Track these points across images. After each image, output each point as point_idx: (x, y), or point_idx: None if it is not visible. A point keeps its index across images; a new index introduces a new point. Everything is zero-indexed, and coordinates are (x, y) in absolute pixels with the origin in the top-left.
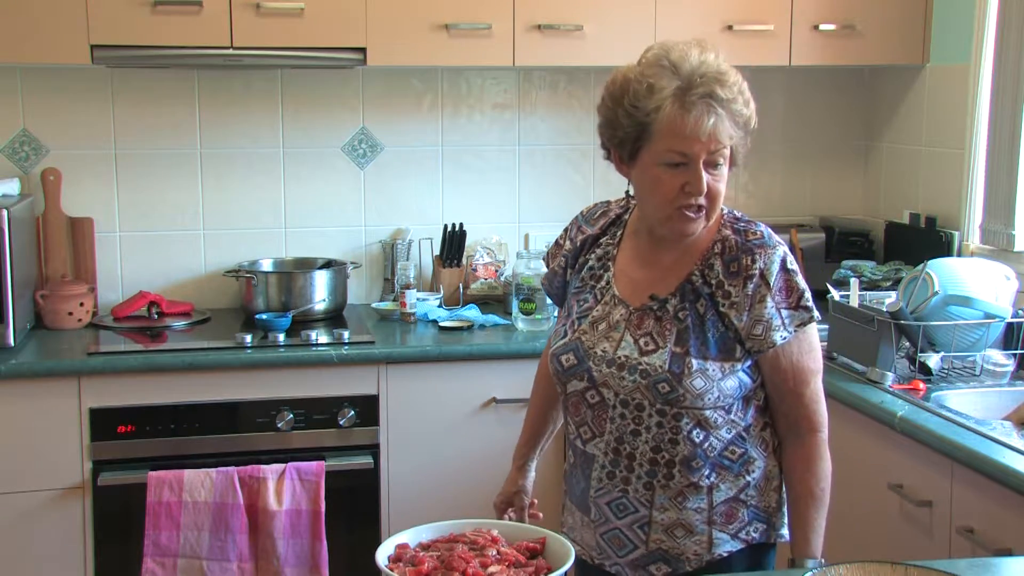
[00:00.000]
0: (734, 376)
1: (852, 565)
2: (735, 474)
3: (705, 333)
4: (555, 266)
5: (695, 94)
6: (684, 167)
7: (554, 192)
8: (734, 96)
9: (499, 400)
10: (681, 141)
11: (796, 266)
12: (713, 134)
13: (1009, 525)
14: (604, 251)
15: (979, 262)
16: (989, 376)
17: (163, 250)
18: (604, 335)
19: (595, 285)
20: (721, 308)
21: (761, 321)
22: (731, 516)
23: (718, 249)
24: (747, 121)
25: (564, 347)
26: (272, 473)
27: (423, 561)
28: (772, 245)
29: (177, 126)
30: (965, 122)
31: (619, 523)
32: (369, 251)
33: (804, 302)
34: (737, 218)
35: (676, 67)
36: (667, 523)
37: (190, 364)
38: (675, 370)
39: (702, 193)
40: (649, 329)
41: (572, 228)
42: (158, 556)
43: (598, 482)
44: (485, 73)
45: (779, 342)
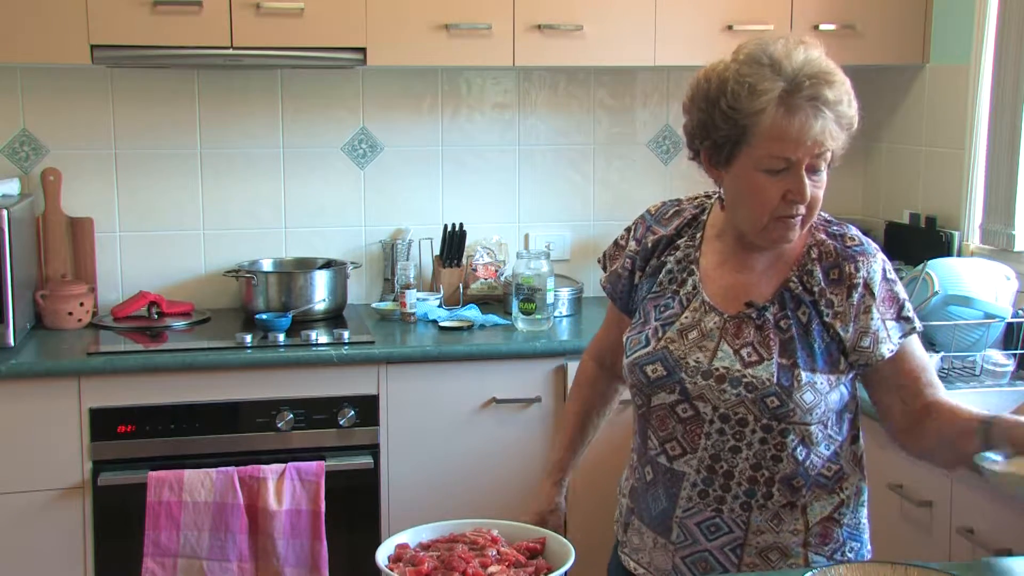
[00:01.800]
0: (838, 389)
1: (852, 565)
2: (829, 491)
3: (811, 344)
4: (618, 268)
5: (802, 96)
6: (786, 173)
7: (554, 192)
8: (840, 97)
9: (499, 400)
10: (785, 146)
11: (895, 275)
12: (819, 138)
13: (1009, 525)
14: (684, 253)
15: (979, 262)
16: (989, 376)
17: (163, 250)
18: (696, 344)
19: (678, 290)
20: (826, 318)
21: (868, 333)
22: (826, 537)
23: (815, 255)
24: (851, 122)
25: (649, 356)
26: (272, 473)
27: (423, 561)
28: (872, 252)
29: (177, 126)
30: (965, 122)
31: (709, 545)
32: (369, 251)
33: (905, 312)
34: (828, 221)
35: (779, 66)
36: (762, 546)
37: (190, 364)
38: (784, 383)
39: (806, 201)
40: (750, 339)
41: (637, 228)
42: (158, 556)
43: (687, 501)
44: (485, 73)
45: (887, 355)
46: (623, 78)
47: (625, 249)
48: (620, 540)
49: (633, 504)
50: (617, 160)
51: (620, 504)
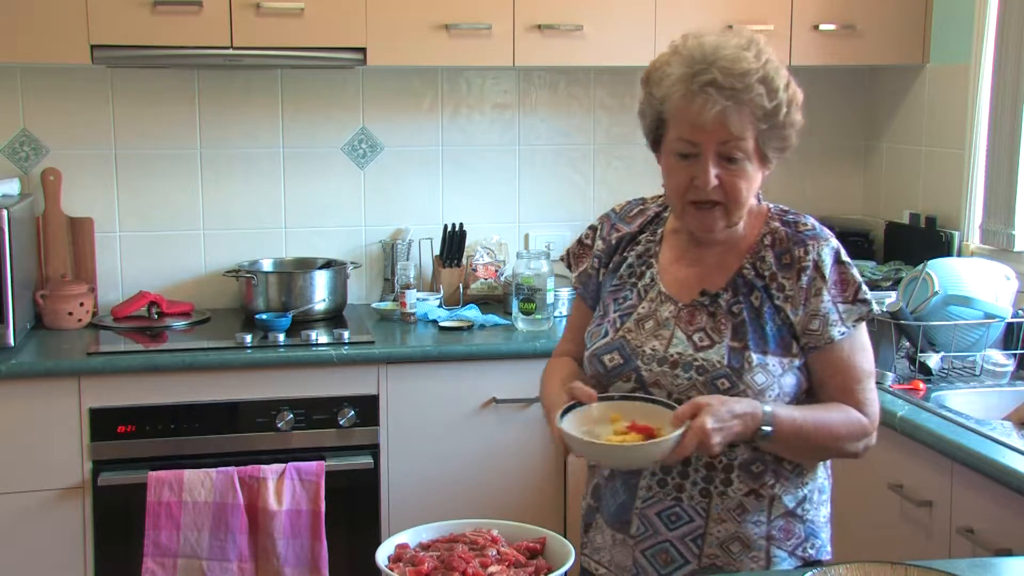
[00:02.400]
0: (792, 373)
1: (852, 565)
2: (794, 485)
3: (763, 327)
4: (588, 268)
5: (699, 81)
6: (695, 159)
7: (554, 192)
8: (746, 85)
9: (499, 400)
10: (688, 130)
11: (848, 258)
12: (719, 124)
13: (1009, 525)
14: (645, 248)
15: (979, 262)
16: (989, 376)
17: (163, 250)
18: (652, 333)
19: (637, 283)
20: (776, 301)
21: (818, 315)
22: (789, 532)
23: (768, 241)
24: (771, 113)
25: (607, 346)
26: (272, 473)
27: (423, 561)
28: (824, 237)
29: (177, 126)
30: (965, 122)
31: (670, 535)
32: (369, 251)
33: (861, 295)
34: (784, 211)
35: (690, 54)
36: (723, 536)
37: (190, 364)
38: (734, 365)
39: (706, 187)
40: (702, 325)
41: (603, 227)
42: (158, 556)
43: (647, 491)
44: (485, 73)
45: (837, 337)
46: (623, 78)
47: (592, 248)
48: (581, 543)
49: (596, 502)
50: (617, 160)
51: (583, 507)
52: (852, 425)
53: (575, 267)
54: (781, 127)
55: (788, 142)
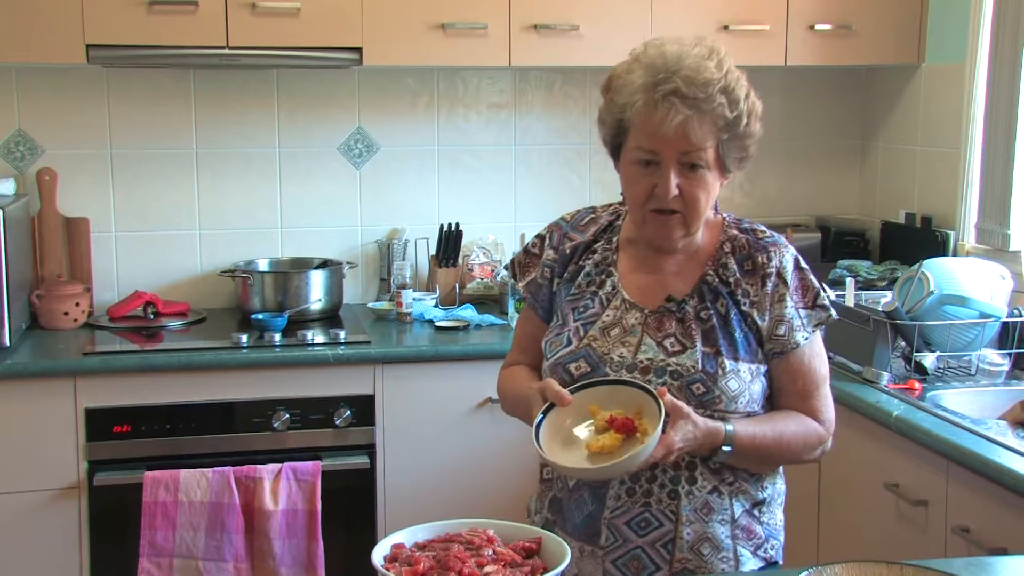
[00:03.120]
0: (759, 380)
1: (848, 564)
2: (753, 486)
3: (731, 333)
4: (537, 277)
5: (660, 91)
6: (655, 167)
7: (550, 192)
8: (708, 95)
9: (495, 400)
10: (648, 139)
11: (806, 264)
12: (680, 133)
13: (1004, 524)
14: (602, 256)
15: (974, 262)
16: (984, 375)
17: (159, 250)
18: (619, 340)
19: (597, 291)
20: (743, 307)
21: (783, 321)
22: (750, 532)
23: (728, 249)
24: (732, 123)
25: (572, 355)
26: (268, 473)
27: (419, 561)
28: (783, 244)
29: (173, 126)
30: (961, 122)
31: (641, 541)
32: (365, 251)
33: (820, 300)
34: (739, 219)
35: (652, 62)
36: (693, 539)
37: (186, 364)
38: (709, 370)
39: (667, 196)
40: (672, 331)
41: (553, 236)
42: (154, 556)
43: (615, 500)
44: (481, 73)
45: (801, 343)
46: None
47: (541, 258)
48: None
49: (555, 516)
50: None
51: (533, 523)
52: (809, 437)
53: (521, 276)
54: (742, 137)
55: (748, 152)
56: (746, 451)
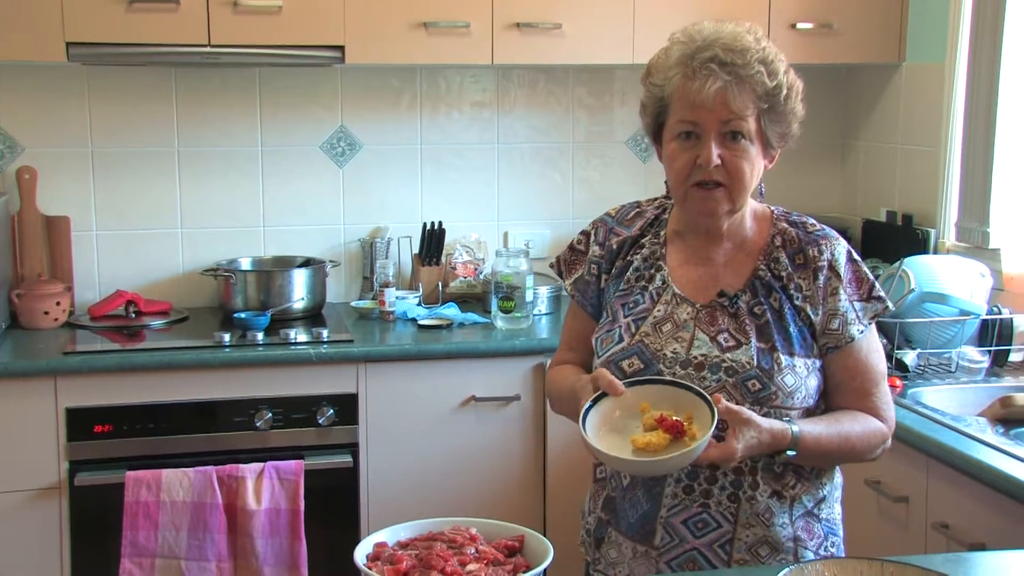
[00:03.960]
0: (815, 375)
1: (829, 561)
2: (814, 485)
3: (786, 328)
4: (584, 275)
5: (699, 60)
6: (696, 139)
7: (533, 190)
8: (747, 62)
9: (478, 398)
10: (689, 109)
11: (859, 256)
12: (720, 100)
13: (983, 520)
14: (650, 251)
15: (955, 260)
16: (964, 372)
17: (141, 249)
18: (671, 336)
19: (647, 286)
20: (796, 302)
21: (837, 315)
22: (811, 532)
23: (779, 242)
24: (772, 92)
25: (624, 352)
26: (251, 472)
27: (402, 559)
28: (834, 236)
29: (154, 124)
30: (941, 120)
31: (697, 543)
32: (348, 249)
33: (876, 292)
34: (787, 212)
35: (689, 38)
36: (751, 541)
37: (168, 363)
38: (765, 366)
39: (709, 164)
40: (725, 326)
41: (598, 232)
42: (135, 556)
43: (672, 499)
44: (464, 71)
45: (857, 336)
46: (602, 76)
47: (587, 255)
48: (592, 559)
49: (608, 516)
50: (596, 158)
51: (587, 523)
52: (873, 436)
53: (568, 274)
54: (782, 111)
55: (789, 128)
56: (810, 453)
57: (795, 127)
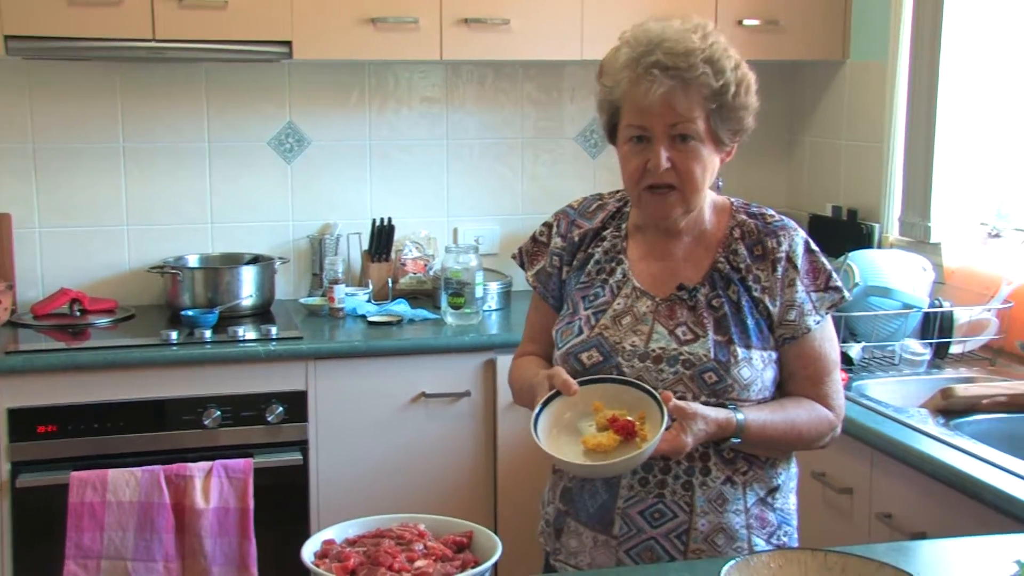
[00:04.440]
0: (771, 367)
1: (774, 553)
2: (767, 474)
3: (744, 321)
4: (546, 266)
5: (642, 65)
6: (647, 143)
7: (483, 186)
8: (691, 65)
9: (428, 395)
10: (637, 114)
11: (817, 247)
12: (665, 105)
13: (925, 510)
14: (611, 244)
15: (898, 254)
16: (907, 365)
17: (85, 246)
18: (631, 329)
19: (607, 279)
20: (755, 293)
21: (794, 306)
22: (764, 520)
23: (737, 234)
24: (719, 92)
25: (583, 344)
26: (199, 471)
27: (349, 557)
28: (793, 227)
29: (98, 120)
30: (884, 117)
31: (655, 532)
32: (297, 246)
33: (833, 283)
34: (747, 203)
35: (634, 38)
36: (707, 530)
37: (113, 362)
38: (721, 358)
39: (658, 169)
40: (684, 319)
41: (560, 223)
42: (80, 558)
43: (629, 490)
44: (413, 67)
45: (813, 327)
46: (551, 72)
47: (549, 246)
48: (552, 549)
49: (566, 506)
50: (545, 154)
51: (546, 514)
52: (820, 423)
53: (529, 265)
54: (731, 108)
55: (742, 124)
56: (756, 440)
57: (748, 121)
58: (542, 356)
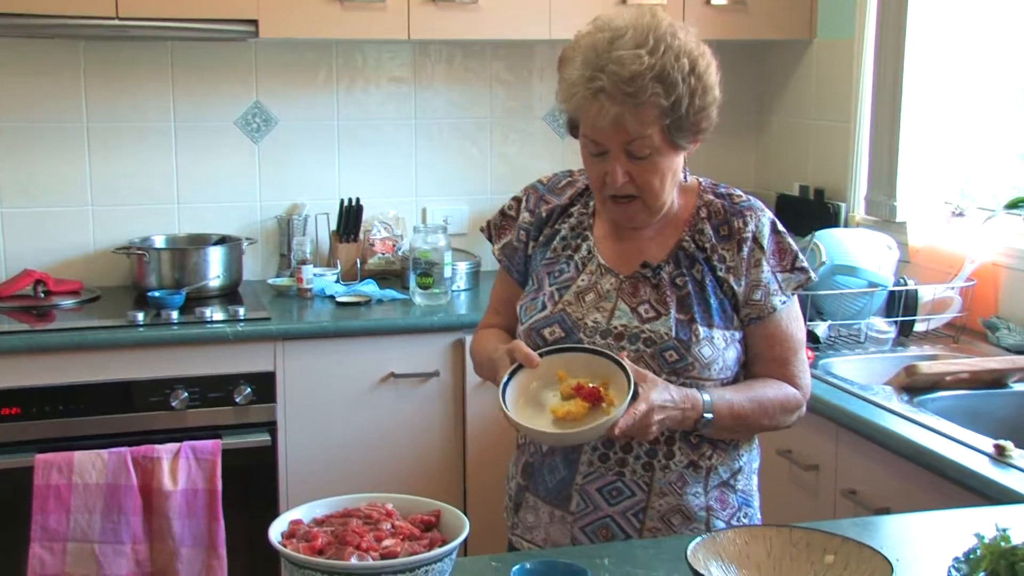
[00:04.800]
0: (734, 346)
1: (739, 530)
2: (730, 457)
3: (707, 300)
4: (513, 240)
5: (590, 88)
6: (604, 156)
7: (451, 166)
8: (639, 88)
9: (397, 375)
10: (592, 131)
11: (784, 228)
12: (617, 126)
13: (888, 486)
14: (578, 220)
15: (863, 232)
16: (872, 343)
17: (49, 227)
18: (594, 305)
19: (573, 255)
20: (719, 273)
21: (759, 286)
22: (724, 502)
23: (704, 214)
24: (672, 108)
25: (546, 320)
26: (167, 453)
27: (317, 536)
28: (760, 208)
29: (62, 99)
30: (850, 97)
31: (611, 510)
32: (264, 227)
33: (799, 263)
34: (715, 184)
35: (585, 52)
36: (664, 510)
37: (79, 344)
38: (683, 337)
39: (615, 185)
40: (647, 297)
41: (529, 198)
42: (46, 541)
43: (588, 467)
44: (381, 46)
45: (779, 307)
46: (520, 52)
47: (517, 220)
48: (511, 524)
49: (526, 481)
50: (514, 134)
51: (509, 489)
52: (787, 401)
53: (497, 239)
54: (686, 118)
55: (700, 127)
56: (725, 420)
57: (707, 122)
58: (505, 329)
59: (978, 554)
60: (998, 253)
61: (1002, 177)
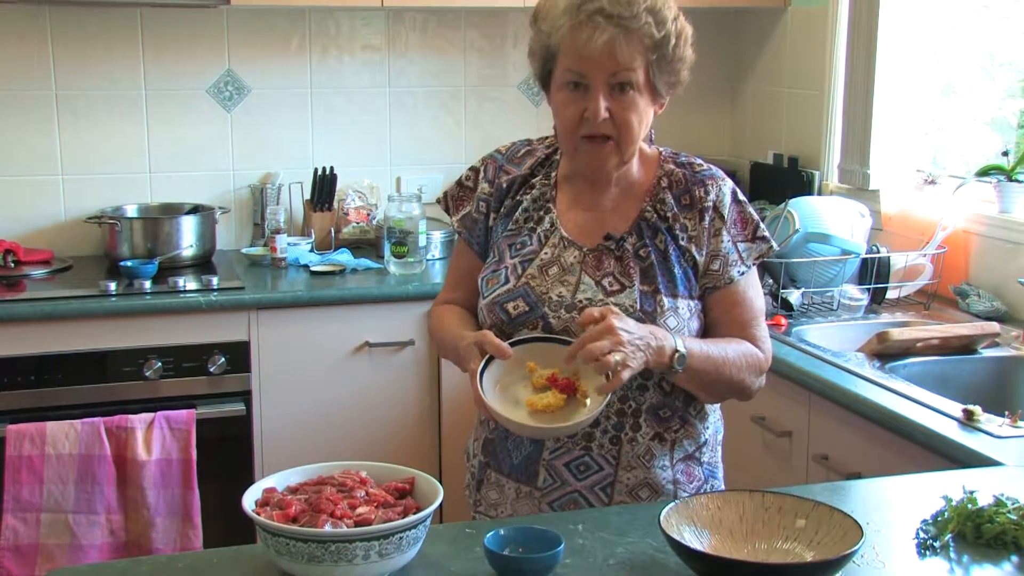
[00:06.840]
0: (696, 317)
1: (712, 495)
2: (696, 430)
3: (671, 269)
4: (472, 212)
5: (584, 11)
6: (584, 91)
7: (425, 134)
8: (634, 14)
9: (372, 344)
10: (577, 60)
11: (745, 197)
12: (607, 53)
13: (859, 451)
14: (540, 192)
15: (837, 200)
16: (845, 310)
17: (18, 196)
18: (557, 279)
19: (535, 228)
20: (681, 242)
21: (719, 256)
22: (691, 475)
23: (665, 184)
24: (660, 43)
25: (509, 294)
26: (140, 423)
27: (291, 504)
28: (721, 176)
29: (28, 66)
30: (824, 65)
31: (579, 485)
32: (238, 196)
33: (760, 232)
34: (676, 153)
35: None
36: (632, 483)
37: (50, 314)
38: (647, 309)
39: (597, 118)
40: (611, 269)
41: (488, 169)
42: (19, 511)
43: (555, 442)
44: (355, 14)
45: (737, 277)
46: (494, 19)
47: (475, 191)
48: (474, 501)
49: (488, 458)
50: (488, 102)
51: (471, 467)
52: (752, 357)
53: (455, 211)
54: (671, 59)
55: (678, 76)
56: (698, 359)
57: (684, 74)
58: (464, 305)
59: (945, 516)
60: (969, 220)
61: (973, 145)
